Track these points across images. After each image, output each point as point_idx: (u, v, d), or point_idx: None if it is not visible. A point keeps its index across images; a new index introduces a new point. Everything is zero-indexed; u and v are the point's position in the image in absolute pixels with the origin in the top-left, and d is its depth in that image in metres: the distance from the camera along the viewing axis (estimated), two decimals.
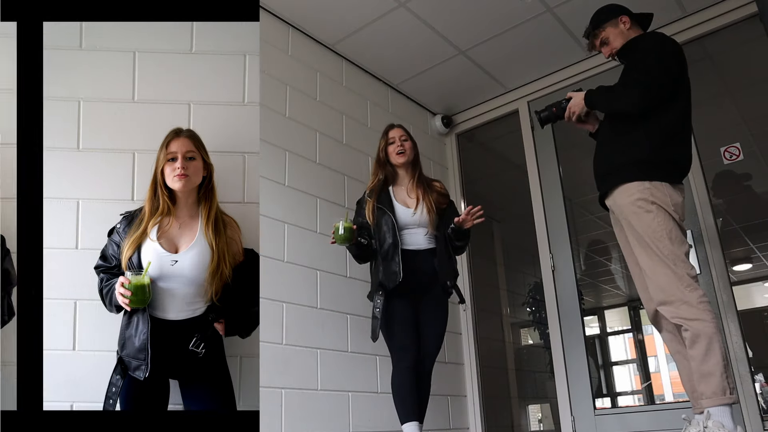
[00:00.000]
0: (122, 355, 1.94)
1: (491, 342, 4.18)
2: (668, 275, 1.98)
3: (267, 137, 2.81)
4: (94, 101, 2.28)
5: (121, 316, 1.99)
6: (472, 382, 3.66)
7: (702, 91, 3.25)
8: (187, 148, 1.97)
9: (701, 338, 1.90)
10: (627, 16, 2.31)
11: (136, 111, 2.29)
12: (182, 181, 1.93)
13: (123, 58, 2.31)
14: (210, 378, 2.00)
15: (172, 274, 1.92)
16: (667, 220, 2.01)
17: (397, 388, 2.41)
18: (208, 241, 1.95)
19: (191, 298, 1.96)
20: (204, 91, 2.33)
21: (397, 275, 2.44)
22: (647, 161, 2.07)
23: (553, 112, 2.38)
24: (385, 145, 2.67)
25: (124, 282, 1.84)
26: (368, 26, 3.23)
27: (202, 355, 1.93)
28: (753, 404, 2.73)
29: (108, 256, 2.02)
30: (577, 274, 3.47)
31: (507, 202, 4.76)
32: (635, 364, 5.10)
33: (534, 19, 3.22)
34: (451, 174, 4.12)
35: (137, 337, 1.89)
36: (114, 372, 1.94)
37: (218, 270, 1.93)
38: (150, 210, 1.96)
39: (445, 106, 4.09)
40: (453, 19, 3.21)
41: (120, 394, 1.91)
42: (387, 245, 2.50)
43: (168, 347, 1.92)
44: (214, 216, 1.99)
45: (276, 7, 3.05)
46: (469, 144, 4.25)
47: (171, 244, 1.96)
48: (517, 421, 4.32)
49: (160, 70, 2.32)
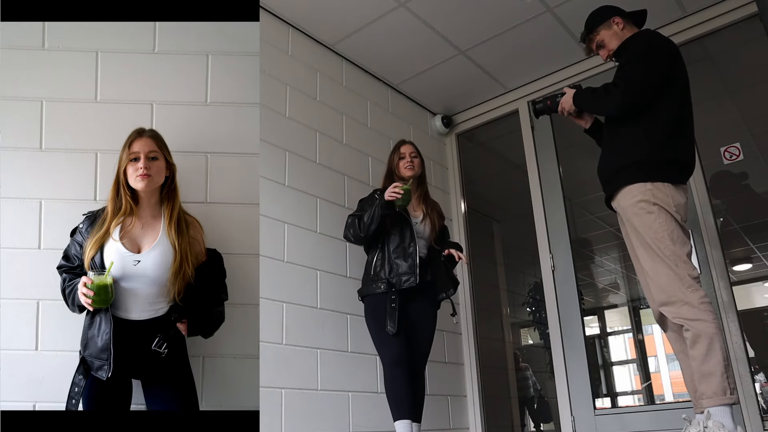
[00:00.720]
0: (85, 355, 1.93)
1: (491, 342, 4.18)
2: (669, 276, 1.98)
3: (267, 137, 2.81)
4: (57, 101, 2.28)
5: (84, 316, 1.99)
6: (472, 382, 3.66)
7: (702, 91, 3.25)
8: (150, 148, 1.97)
9: (702, 338, 1.90)
10: (619, 16, 2.32)
11: (98, 111, 2.29)
12: (145, 181, 1.94)
13: (85, 58, 2.31)
14: (172, 378, 2.00)
15: (135, 274, 1.92)
16: (669, 221, 2.01)
17: (391, 390, 2.46)
18: (171, 241, 1.95)
19: (154, 298, 1.96)
20: (167, 91, 2.33)
21: (413, 278, 2.54)
22: (648, 162, 2.07)
23: (548, 105, 2.43)
24: (397, 160, 2.78)
25: (87, 282, 1.83)
26: (368, 26, 3.23)
27: (164, 355, 1.93)
28: (753, 404, 2.73)
29: (71, 256, 2.01)
30: (577, 274, 3.47)
31: (507, 202, 4.76)
32: (635, 364, 5.10)
33: (534, 19, 3.22)
34: (451, 174, 4.12)
35: (100, 337, 1.89)
36: (77, 372, 1.93)
37: (181, 270, 1.93)
38: (112, 210, 1.96)
39: (445, 106, 4.09)
40: (453, 19, 3.21)
41: (83, 394, 1.90)
42: (400, 246, 2.59)
43: (131, 347, 1.91)
44: (176, 216, 1.99)
45: (276, 7, 3.05)
46: (469, 144, 4.25)
47: (134, 244, 1.96)
48: (517, 420, 4.33)
49: (122, 70, 2.32)
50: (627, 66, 2.14)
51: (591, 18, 2.37)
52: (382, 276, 2.56)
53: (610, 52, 2.32)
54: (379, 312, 2.52)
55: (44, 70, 2.29)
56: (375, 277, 2.58)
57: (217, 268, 2.10)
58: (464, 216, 4.00)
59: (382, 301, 2.53)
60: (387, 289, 2.53)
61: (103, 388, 1.92)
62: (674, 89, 2.13)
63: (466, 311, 3.80)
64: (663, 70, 2.11)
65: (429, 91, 3.89)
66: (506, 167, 4.62)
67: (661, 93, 2.10)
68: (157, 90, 2.32)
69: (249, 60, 2.42)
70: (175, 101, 2.33)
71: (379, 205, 2.55)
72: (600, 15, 2.35)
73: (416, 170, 2.77)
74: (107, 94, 2.30)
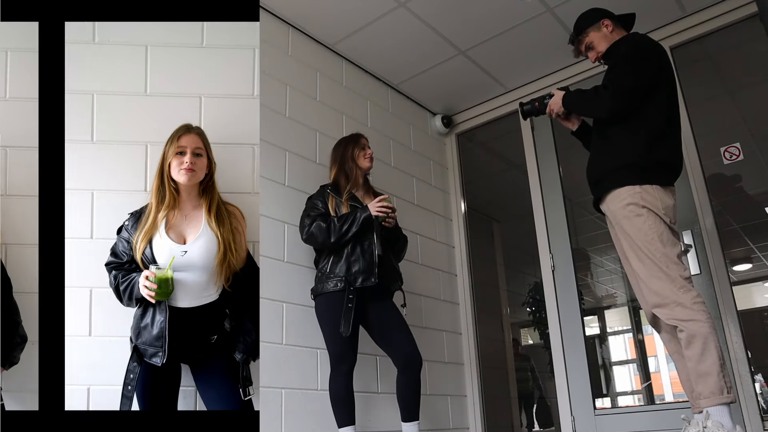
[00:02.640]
0: (137, 344, 2.03)
1: (491, 342, 4.18)
2: (661, 278, 1.98)
3: (267, 137, 2.81)
4: (107, 94, 2.35)
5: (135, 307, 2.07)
6: (472, 382, 3.66)
7: (702, 91, 3.26)
8: (197, 144, 2.06)
9: (697, 338, 1.90)
10: (609, 19, 2.33)
11: (148, 104, 2.35)
12: (188, 175, 2.02)
13: (134, 52, 2.37)
14: (220, 362, 2.09)
15: (183, 264, 2.00)
16: (658, 224, 2.02)
17: (335, 391, 2.44)
18: (213, 231, 2.03)
19: (202, 286, 2.05)
20: (215, 85, 2.39)
21: (372, 277, 2.48)
22: (636, 165, 2.08)
23: (536, 107, 2.42)
24: (358, 152, 2.71)
25: (150, 276, 1.92)
26: (368, 26, 3.23)
27: (213, 341, 2.06)
28: (753, 404, 2.73)
29: (119, 253, 2.09)
30: (577, 274, 3.47)
31: (507, 202, 4.76)
32: (635, 364, 5.09)
33: (534, 19, 3.22)
34: (451, 174, 4.12)
35: (154, 326, 1.99)
36: (130, 360, 2.03)
37: (225, 258, 2.02)
38: (157, 202, 2.04)
39: (445, 106, 4.09)
40: (453, 19, 3.21)
41: (138, 380, 2.01)
42: (357, 243, 2.51)
43: (182, 334, 2.01)
44: (216, 207, 2.08)
45: (276, 7, 3.05)
46: (469, 144, 4.25)
47: (179, 235, 2.05)
48: (517, 420, 4.33)
49: (171, 64, 2.38)
50: (616, 68, 2.15)
51: (580, 20, 2.38)
52: (339, 274, 2.49)
53: (598, 54, 2.33)
54: (333, 311, 2.45)
55: (95, 64, 2.34)
56: (330, 274, 2.51)
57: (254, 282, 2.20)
58: (464, 216, 4.00)
59: (337, 300, 2.46)
60: (344, 287, 2.46)
61: (156, 374, 2.04)
62: (662, 92, 2.14)
63: (466, 311, 3.80)
64: (652, 73, 2.12)
65: (429, 91, 3.89)
66: (506, 167, 4.62)
67: (650, 96, 2.11)
68: (205, 83, 2.39)
69: None
70: (223, 94, 2.40)
71: (361, 222, 2.49)
72: (589, 17, 2.36)
73: (372, 163, 2.74)
74: (156, 88, 2.36)
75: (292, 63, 3.13)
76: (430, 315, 3.51)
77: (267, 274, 2.60)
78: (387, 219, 2.55)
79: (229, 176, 2.27)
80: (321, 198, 2.65)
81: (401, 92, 3.86)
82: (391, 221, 2.58)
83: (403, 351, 2.51)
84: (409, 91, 3.88)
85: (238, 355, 2.08)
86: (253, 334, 2.13)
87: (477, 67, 3.66)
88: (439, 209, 3.91)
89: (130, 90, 2.35)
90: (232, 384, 2.08)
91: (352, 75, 3.52)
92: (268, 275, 2.61)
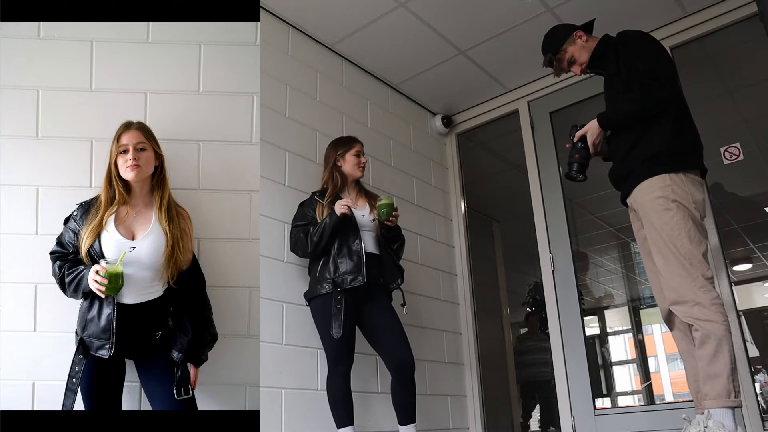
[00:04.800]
0: (83, 336, 2.03)
1: (491, 342, 4.18)
2: (682, 275, 1.96)
3: (267, 137, 2.81)
4: (53, 90, 2.32)
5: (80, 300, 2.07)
6: (472, 382, 3.66)
7: (702, 91, 3.25)
8: (138, 139, 2.06)
9: (711, 339, 1.89)
10: (580, 30, 2.34)
11: (93, 100, 2.33)
12: (134, 171, 2.03)
13: (80, 48, 2.34)
14: (163, 358, 2.09)
15: (131, 260, 2.00)
16: (686, 219, 2.00)
17: (333, 392, 2.45)
18: (162, 228, 2.05)
19: (148, 282, 2.05)
20: (161, 81, 2.38)
21: (360, 276, 2.47)
22: (665, 152, 2.06)
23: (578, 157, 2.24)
24: (349, 157, 2.70)
25: (100, 270, 1.91)
26: (368, 26, 3.23)
27: (158, 337, 2.09)
28: (753, 404, 2.73)
29: (65, 243, 2.08)
30: (577, 274, 3.47)
31: (507, 202, 4.77)
32: (635, 364, 5.10)
33: (534, 19, 3.22)
34: (451, 174, 4.12)
35: (101, 318, 1.99)
36: (76, 352, 2.02)
37: (173, 255, 2.04)
38: (106, 200, 2.05)
39: (445, 106, 4.09)
40: (453, 19, 3.21)
41: (83, 374, 2.00)
42: (344, 244, 2.52)
43: (127, 328, 2.01)
44: (166, 204, 2.10)
45: (276, 7, 3.05)
46: (469, 144, 4.25)
47: (128, 231, 2.05)
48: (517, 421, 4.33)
49: (117, 60, 2.36)
50: (637, 63, 2.12)
51: (552, 40, 2.38)
52: (327, 276, 2.49)
53: (582, 66, 2.33)
54: (326, 314, 2.46)
55: (40, 60, 2.32)
56: (320, 277, 2.52)
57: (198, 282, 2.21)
58: (464, 216, 4.00)
59: (328, 303, 2.46)
60: (332, 289, 2.46)
61: (101, 367, 2.02)
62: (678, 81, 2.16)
63: (466, 311, 3.80)
64: (672, 62, 2.15)
65: (429, 91, 3.89)
66: (506, 167, 4.62)
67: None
68: (151, 79, 2.37)
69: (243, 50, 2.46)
70: (169, 90, 2.38)
71: (332, 227, 2.49)
72: (560, 34, 2.37)
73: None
74: (102, 83, 2.35)
75: (292, 63, 3.13)
76: (430, 315, 3.50)
77: (267, 274, 2.60)
78: (390, 218, 2.55)
79: (175, 172, 2.24)
80: (311, 205, 2.66)
81: (401, 92, 3.86)
82: (393, 220, 2.57)
83: (394, 355, 2.51)
84: (409, 91, 3.88)
85: (174, 354, 2.08)
86: (190, 333, 2.12)
87: (477, 67, 3.66)
88: (439, 209, 3.91)
89: (75, 86, 2.33)
90: (172, 380, 2.08)
91: (352, 75, 3.52)
92: (267, 275, 2.61)
